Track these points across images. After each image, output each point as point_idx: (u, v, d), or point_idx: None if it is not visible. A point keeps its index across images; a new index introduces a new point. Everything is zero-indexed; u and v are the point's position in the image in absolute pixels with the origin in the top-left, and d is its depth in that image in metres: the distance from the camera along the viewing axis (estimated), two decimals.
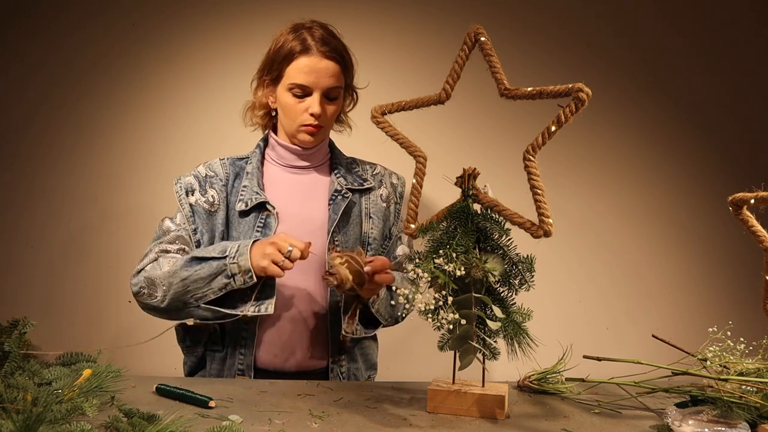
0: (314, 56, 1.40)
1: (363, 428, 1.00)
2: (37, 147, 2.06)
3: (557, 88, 0.97)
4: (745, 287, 2.00)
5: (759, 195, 0.93)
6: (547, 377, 1.23)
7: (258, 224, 1.43)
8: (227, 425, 0.91)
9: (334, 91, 1.44)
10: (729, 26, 2.12)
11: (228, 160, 1.52)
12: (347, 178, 1.51)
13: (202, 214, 1.45)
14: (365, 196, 1.53)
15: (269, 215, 1.44)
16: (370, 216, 1.52)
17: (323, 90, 1.42)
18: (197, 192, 1.46)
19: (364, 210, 1.52)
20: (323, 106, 1.43)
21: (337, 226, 1.45)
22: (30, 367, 1.00)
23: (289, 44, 1.41)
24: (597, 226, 2.11)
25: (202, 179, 1.48)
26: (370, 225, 1.51)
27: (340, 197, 1.47)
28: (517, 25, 2.08)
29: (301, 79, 1.40)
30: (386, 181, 1.57)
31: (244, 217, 1.45)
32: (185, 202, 1.46)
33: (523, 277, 1.07)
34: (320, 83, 1.41)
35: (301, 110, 1.42)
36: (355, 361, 1.50)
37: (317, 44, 1.41)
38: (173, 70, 2.08)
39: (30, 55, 2.06)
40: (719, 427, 0.94)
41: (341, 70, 1.43)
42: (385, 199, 1.55)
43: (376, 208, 1.53)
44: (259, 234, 1.42)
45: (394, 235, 1.56)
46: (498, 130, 2.08)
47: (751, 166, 2.10)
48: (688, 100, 2.12)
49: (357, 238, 1.49)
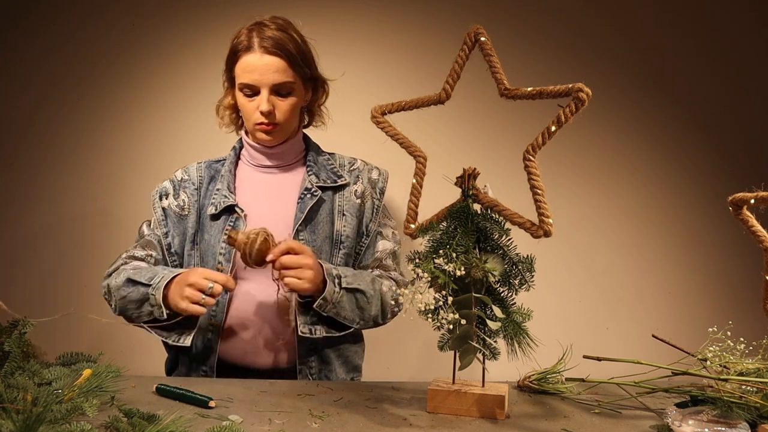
0: (256, 53, 1.37)
1: (363, 428, 1.00)
2: (37, 147, 2.07)
3: (557, 88, 0.97)
4: (745, 287, 2.00)
5: (759, 195, 0.93)
6: (547, 377, 1.23)
7: (227, 227, 1.44)
8: (227, 425, 0.91)
9: (283, 86, 1.40)
10: (729, 26, 2.12)
11: (205, 163, 1.55)
12: (320, 175, 1.49)
13: (173, 218, 1.49)
14: (339, 193, 1.49)
15: (238, 218, 1.44)
16: (344, 213, 1.48)
17: (270, 87, 1.39)
18: (171, 196, 1.51)
19: (337, 207, 1.48)
20: (273, 103, 1.40)
21: (302, 225, 1.43)
22: (30, 367, 1.00)
23: (235, 42, 1.41)
24: (597, 226, 2.11)
25: (177, 183, 1.52)
26: (342, 223, 1.47)
27: (309, 195, 1.45)
28: (517, 25, 2.08)
29: (246, 78, 1.39)
30: (363, 177, 1.53)
31: (215, 220, 1.46)
32: (158, 206, 1.51)
33: (523, 277, 1.07)
34: (265, 80, 1.38)
35: (253, 109, 1.41)
36: (328, 363, 1.46)
37: (260, 40, 1.37)
38: (173, 70, 2.08)
39: (30, 55, 2.07)
40: (719, 427, 0.94)
41: (288, 64, 1.39)
42: (359, 195, 1.51)
43: (349, 205, 1.49)
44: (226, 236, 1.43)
45: (373, 232, 1.51)
46: (498, 130, 2.08)
47: (751, 166, 2.10)
48: (688, 99, 2.12)
49: (327, 236, 1.46)
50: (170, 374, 1.52)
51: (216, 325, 1.41)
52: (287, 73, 1.39)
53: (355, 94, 2.03)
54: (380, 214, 1.53)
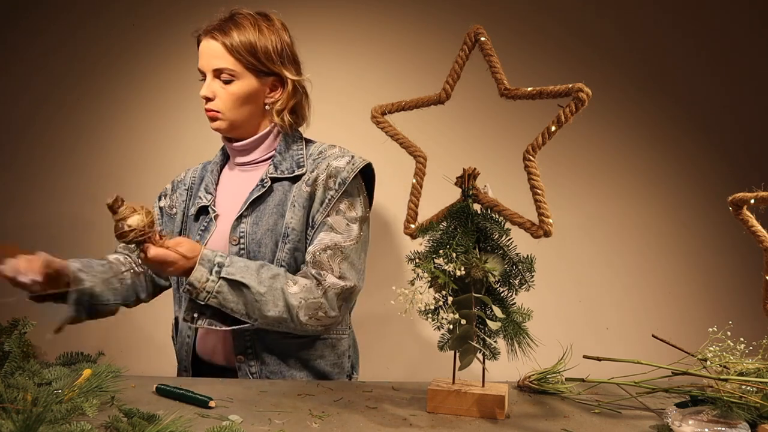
0: (204, 39, 1.40)
1: (363, 428, 1.00)
2: (37, 147, 2.07)
3: (557, 88, 0.97)
4: (745, 287, 2.00)
5: (759, 195, 0.93)
6: (547, 377, 1.23)
7: (201, 227, 1.45)
8: (227, 425, 0.91)
9: (223, 72, 1.38)
10: (729, 26, 2.12)
11: (201, 165, 1.58)
12: (281, 165, 1.42)
13: (166, 218, 1.54)
14: (296, 184, 1.41)
15: (210, 219, 1.44)
16: (294, 204, 1.40)
17: (212, 72, 1.39)
18: (168, 196, 1.56)
19: (291, 199, 1.40)
20: (212, 88, 1.39)
21: (245, 217, 1.40)
22: (30, 367, 1.00)
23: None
24: (597, 225, 2.11)
25: (176, 184, 1.57)
26: (291, 214, 1.39)
27: (259, 186, 1.42)
28: (517, 25, 2.08)
29: (198, 63, 1.41)
30: (323, 164, 1.41)
31: (195, 221, 1.48)
32: (156, 205, 1.56)
33: (523, 277, 1.07)
34: (206, 65, 1.39)
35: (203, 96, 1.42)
36: (267, 365, 1.39)
37: (208, 26, 1.40)
38: (173, 70, 2.08)
39: (30, 55, 2.07)
40: (719, 427, 0.94)
41: (227, 50, 1.36)
42: (309, 183, 1.40)
43: (298, 195, 1.40)
44: (199, 237, 1.43)
45: (318, 223, 1.38)
46: (498, 130, 2.08)
47: (751, 166, 2.10)
48: (688, 99, 2.12)
49: (269, 230, 1.39)
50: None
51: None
52: (226, 59, 1.37)
53: (355, 94, 2.03)
54: (333, 204, 1.38)
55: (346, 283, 1.35)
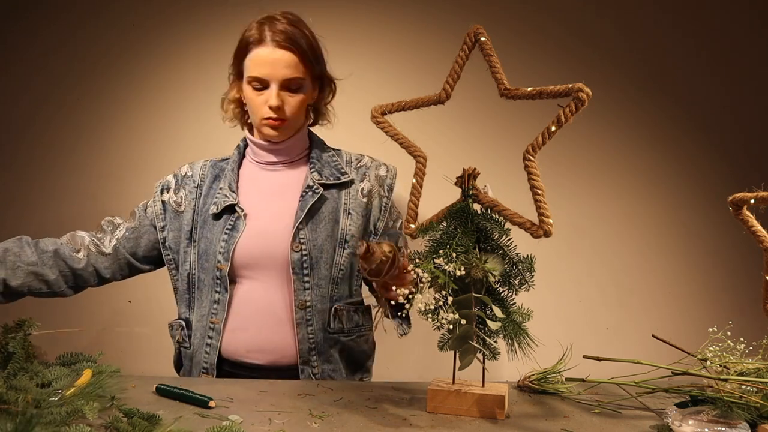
0: (268, 46, 1.36)
1: (363, 428, 1.00)
2: (37, 147, 2.07)
3: (557, 88, 0.97)
4: (745, 287, 2.00)
5: (759, 195, 0.93)
6: (547, 377, 1.23)
7: (227, 226, 1.43)
8: (227, 425, 0.91)
9: (293, 82, 1.39)
10: (729, 26, 2.12)
11: (210, 162, 1.54)
12: (323, 172, 1.46)
13: (170, 213, 1.50)
14: (345, 191, 1.47)
15: (238, 217, 1.43)
16: (349, 212, 1.45)
17: (280, 81, 1.38)
18: (171, 191, 1.51)
19: (342, 205, 1.45)
20: (282, 98, 1.39)
21: (303, 223, 1.41)
22: (32, 368, 1.00)
23: (247, 35, 1.39)
24: (597, 225, 2.11)
25: (180, 179, 1.52)
26: (348, 221, 1.45)
27: (310, 193, 1.43)
28: (517, 25, 2.08)
29: (257, 71, 1.37)
30: (370, 174, 1.50)
31: (217, 219, 1.45)
32: (158, 198, 1.51)
33: (523, 277, 1.07)
34: (276, 74, 1.37)
35: (261, 103, 1.40)
36: (331, 363, 1.44)
37: (273, 34, 1.36)
38: (173, 70, 2.08)
39: (30, 54, 2.07)
40: (719, 427, 0.94)
41: (300, 60, 1.38)
42: (366, 193, 1.48)
43: (355, 204, 1.46)
44: (226, 236, 1.42)
45: (381, 231, 1.48)
46: (498, 130, 2.08)
47: (751, 166, 2.10)
48: (689, 99, 2.12)
49: (329, 235, 1.43)
50: (178, 370, 1.52)
51: (216, 323, 1.41)
52: (298, 68, 1.38)
53: (355, 93, 2.03)
54: (388, 210, 1.50)
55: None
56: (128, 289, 2.02)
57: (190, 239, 1.47)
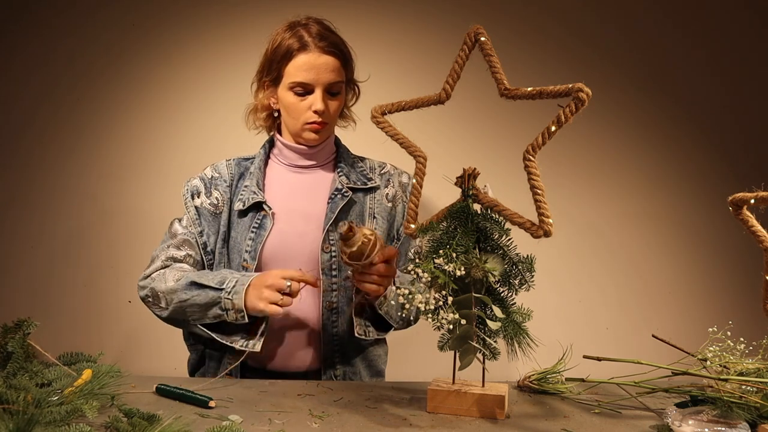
0: (313, 52, 1.39)
1: (363, 428, 1.00)
2: (37, 147, 2.07)
3: (557, 88, 0.97)
4: (745, 287, 2.00)
5: (759, 195, 0.93)
6: (547, 377, 1.23)
7: (254, 224, 1.43)
8: (227, 425, 0.91)
9: (335, 86, 1.42)
10: (729, 26, 2.12)
11: (234, 160, 1.53)
12: (350, 176, 1.49)
13: (207, 216, 1.47)
14: (370, 196, 1.50)
15: (265, 215, 1.43)
16: (375, 216, 1.49)
17: (325, 86, 1.40)
18: (203, 194, 1.48)
19: (368, 210, 1.49)
20: (326, 102, 1.41)
21: (333, 225, 1.43)
22: (32, 367, 1.00)
23: (287, 42, 1.40)
24: (597, 226, 2.11)
25: (208, 181, 1.50)
26: (373, 225, 1.48)
27: (339, 196, 1.45)
28: (517, 25, 2.08)
29: (302, 76, 1.39)
30: (394, 181, 1.54)
31: (242, 217, 1.45)
32: (191, 204, 1.48)
33: (523, 277, 1.07)
34: (321, 79, 1.40)
35: (304, 108, 1.41)
36: (352, 366, 1.46)
37: (314, 40, 1.39)
38: (173, 70, 2.08)
39: (30, 54, 2.07)
40: (719, 427, 0.94)
41: (341, 64, 1.42)
42: (390, 198, 1.52)
43: (380, 208, 1.50)
44: (254, 234, 1.42)
45: (404, 236, 1.51)
46: (498, 130, 2.08)
47: (751, 166, 2.10)
48: (689, 99, 2.12)
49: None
50: (193, 373, 1.51)
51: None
52: (340, 73, 1.42)
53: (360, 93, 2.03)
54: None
55: None
56: (128, 289, 2.02)
57: (225, 240, 1.46)
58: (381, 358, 1.54)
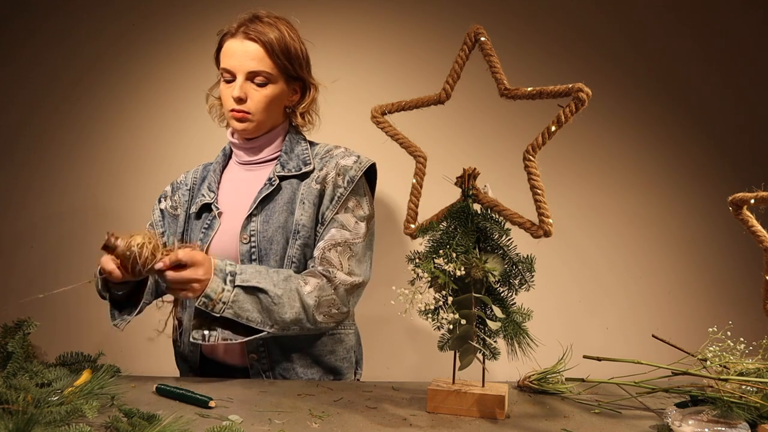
0: (237, 38, 1.38)
1: (363, 428, 1.00)
2: (37, 146, 2.07)
3: (557, 88, 0.97)
4: (745, 287, 2.00)
5: (759, 195, 0.93)
6: (547, 377, 1.23)
7: (204, 225, 1.45)
8: (227, 425, 0.91)
9: (259, 75, 1.38)
10: (730, 25, 2.12)
11: (202, 165, 1.58)
12: (287, 165, 1.44)
13: (169, 219, 1.54)
14: (305, 182, 1.43)
15: (214, 216, 1.44)
16: (303, 201, 1.41)
17: (246, 74, 1.38)
18: (168, 198, 1.56)
19: (300, 196, 1.42)
20: (248, 91, 1.39)
21: (255, 215, 1.40)
22: (32, 367, 1.00)
23: (224, 30, 1.42)
24: (597, 225, 2.11)
25: (175, 186, 1.57)
26: (301, 211, 1.40)
27: (267, 185, 1.43)
28: (517, 25, 2.08)
29: (225, 62, 1.39)
30: (332, 162, 1.44)
31: (197, 219, 1.48)
32: (156, 208, 1.56)
33: (523, 277, 1.07)
34: (242, 66, 1.37)
35: (228, 96, 1.40)
36: (280, 362, 1.39)
37: (243, 27, 1.38)
38: (173, 70, 2.08)
39: (30, 54, 2.07)
40: (719, 427, 0.94)
41: (267, 54, 1.37)
42: (320, 181, 1.42)
43: (308, 192, 1.41)
44: (203, 235, 1.43)
45: (328, 219, 1.40)
46: (498, 130, 2.08)
47: (752, 166, 2.10)
48: (688, 100, 2.12)
49: (280, 227, 1.39)
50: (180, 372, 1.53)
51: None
52: (264, 62, 1.38)
53: (356, 93, 2.03)
54: (342, 201, 1.40)
55: (354, 279, 1.37)
56: None
57: (182, 240, 1.48)
58: (335, 354, 1.45)
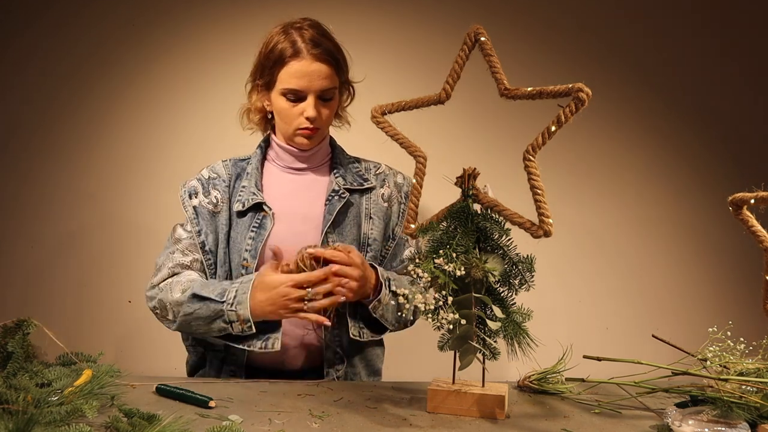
0: (305, 59, 1.37)
1: (363, 428, 1.00)
2: (36, 146, 2.07)
3: (557, 88, 0.97)
4: (745, 287, 2.00)
5: (759, 195, 0.93)
6: (547, 377, 1.23)
7: (254, 224, 1.43)
8: (227, 425, 0.91)
9: (328, 92, 1.41)
10: (730, 24, 2.12)
11: (230, 161, 1.53)
12: (346, 177, 1.49)
13: (205, 215, 1.46)
14: (366, 196, 1.50)
15: (265, 216, 1.43)
16: (371, 216, 1.49)
17: (317, 93, 1.39)
18: (200, 194, 1.48)
19: (364, 210, 1.49)
20: (318, 108, 1.41)
21: (331, 226, 1.43)
22: (32, 367, 1.00)
23: (280, 47, 1.39)
24: (597, 225, 2.11)
25: (205, 182, 1.49)
26: (369, 225, 1.48)
27: (336, 197, 1.46)
28: (518, 25, 2.08)
29: (294, 83, 1.38)
30: (389, 181, 1.54)
31: (242, 217, 1.45)
32: (188, 204, 1.47)
33: (523, 277, 1.07)
34: (313, 86, 1.39)
35: (296, 114, 1.41)
36: (353, 366, 1.47)
37: (308, 46, 1.38)
38: (173, 70, 2.08)
39: (29, 54, 2.06)
40: (719, 427, 0.94)
41: (334, 70, 1.41)
42: (386, 198, 1.52)
43: (376, 209, 1.50)
44: (254, 233, 1.42)
45: (399, 236, 1.52)
46: (498, 130, 2.08)
47: (751, 166, 2.10)
48: (688, 100, 2.12)
49: (354, 239, 1.46)
50: (193, 375, 1.51)
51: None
52: (333, 79, 1.41)
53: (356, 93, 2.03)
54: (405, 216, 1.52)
55: None
56: (128, 288, 2.03)
57: (228, 240, 1.45)
58: (379, 357, 1.56)
